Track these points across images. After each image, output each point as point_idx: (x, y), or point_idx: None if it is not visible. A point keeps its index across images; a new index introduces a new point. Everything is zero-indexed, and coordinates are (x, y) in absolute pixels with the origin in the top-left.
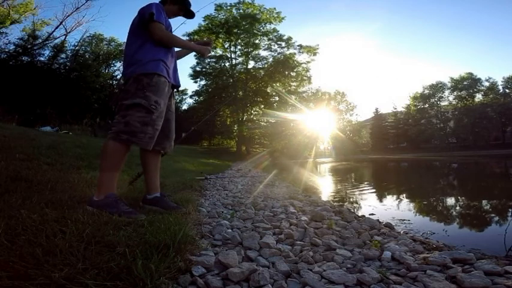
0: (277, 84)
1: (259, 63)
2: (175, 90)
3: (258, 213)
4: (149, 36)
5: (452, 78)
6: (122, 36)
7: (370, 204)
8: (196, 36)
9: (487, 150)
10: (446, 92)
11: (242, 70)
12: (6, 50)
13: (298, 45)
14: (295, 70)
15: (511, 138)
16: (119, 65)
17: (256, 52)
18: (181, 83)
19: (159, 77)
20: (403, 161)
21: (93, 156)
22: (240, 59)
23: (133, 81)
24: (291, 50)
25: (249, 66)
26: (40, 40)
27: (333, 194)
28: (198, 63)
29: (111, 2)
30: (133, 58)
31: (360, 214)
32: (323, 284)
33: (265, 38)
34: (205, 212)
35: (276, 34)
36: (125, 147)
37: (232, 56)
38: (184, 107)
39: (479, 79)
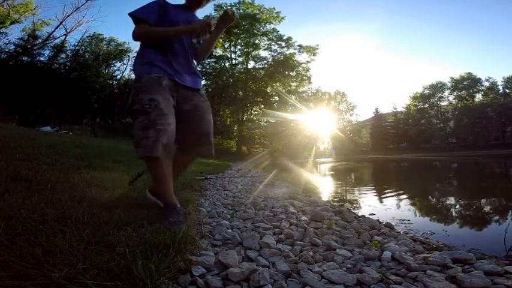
0: (277, 84)
1: (259, 63)
2: (194, 90)
3: (258, 213)
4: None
5: (452, 78)
6: (122, 36)
7: (370, 204)
8: None
9: (487, 150)
10: (446, 92)
11: (242, 70)
12: (6, 50)
13: (298, 45)
14: (295, 70)
15: (511, 138)
16: (119, 65)
17: (256, 52)
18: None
19: (148, 75)
20: (403, 161)
21: (93, 156)
22: (240, 59)
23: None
24: (291, 50)
25: (249, 66)
26: (40, 40)
27: (333, 194)
28: (198, 63)
29: (111, 2)
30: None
31: (360, 214)
32: (323, 284)
33: (265, 38)
34: (205, 212)
35: (275, 34)
36: (151, 161)
37: (232, 56)
38: None
39: (479, 79)
